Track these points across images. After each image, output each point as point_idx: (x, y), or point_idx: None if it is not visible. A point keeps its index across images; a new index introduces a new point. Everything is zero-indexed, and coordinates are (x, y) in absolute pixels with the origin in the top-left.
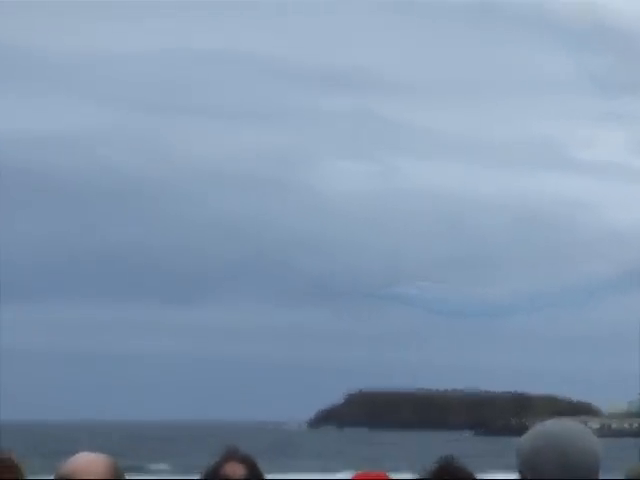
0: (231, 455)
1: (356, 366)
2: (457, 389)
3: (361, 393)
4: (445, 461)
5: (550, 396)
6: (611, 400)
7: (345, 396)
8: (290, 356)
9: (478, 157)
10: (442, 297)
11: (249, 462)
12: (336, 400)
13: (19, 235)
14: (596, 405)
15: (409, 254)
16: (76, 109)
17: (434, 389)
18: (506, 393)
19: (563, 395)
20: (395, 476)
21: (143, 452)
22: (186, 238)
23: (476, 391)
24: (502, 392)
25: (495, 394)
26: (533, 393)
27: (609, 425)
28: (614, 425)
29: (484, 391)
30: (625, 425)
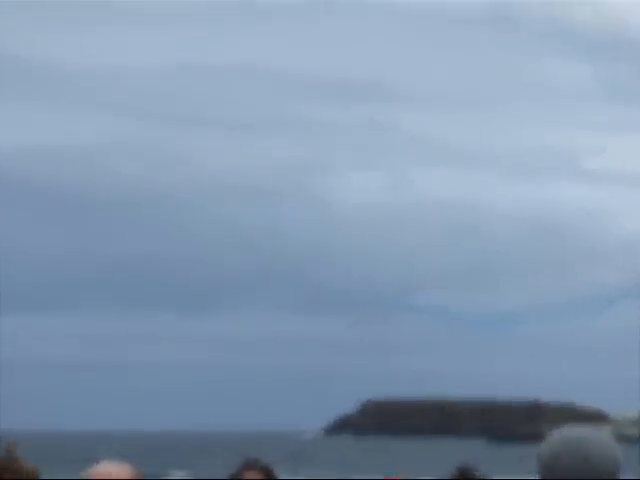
0: (250, 464)
1: (370, 374)
2: (470, 397)
3: (375, 401)
4: (464, 468)
5: (563, 403)
6: (622, 407)
7: (359, 404)
8: (305, 365)
9: (491, 167)
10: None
11: (268, 471)
12: (350, 408)
13: (32, 247)
14: (607, 412)
15: (423, 264)
16: (88, 122)
17: (447, 397)
18: (518, 400)
19: (575, 402)
20: None
21: (162, 461)
22: (199, 249)
23: (488, 398)
24: (514, 399)
25: (507, 401)
26: (546, 400)
27: (621, 432)
28: (626, 432)
29: (496, 399)
30: (636, 432)
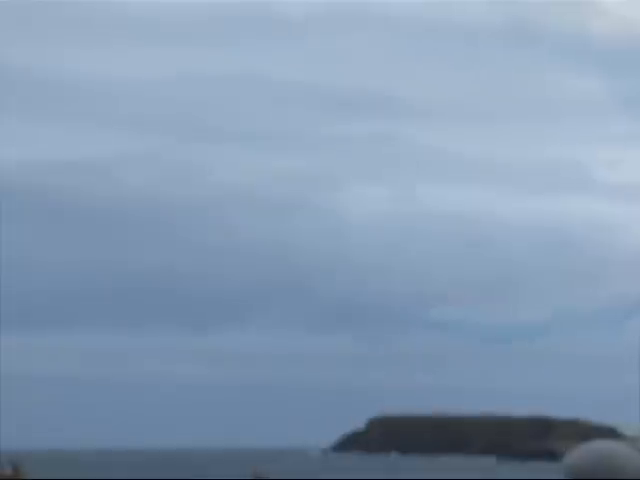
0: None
1: (379, 390)
2: (480, 413)
3: (384, 417)
4: None
5: (573, 420)
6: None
7: (368, 421)
8: (314, 381)
9: (503, 180)
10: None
11: None
12: (360, 424)
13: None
14: (619, 428)
15: (435, 277)
16: (100, 135)
17: (457, 413)
18: (529, 417)
19: (586, 418)
20: None
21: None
22: (208, 263)
23: (498, 415)
24: (525, 416)
25: (518, 418)
26: (556, 417)
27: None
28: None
29: (507, 415)
30: None
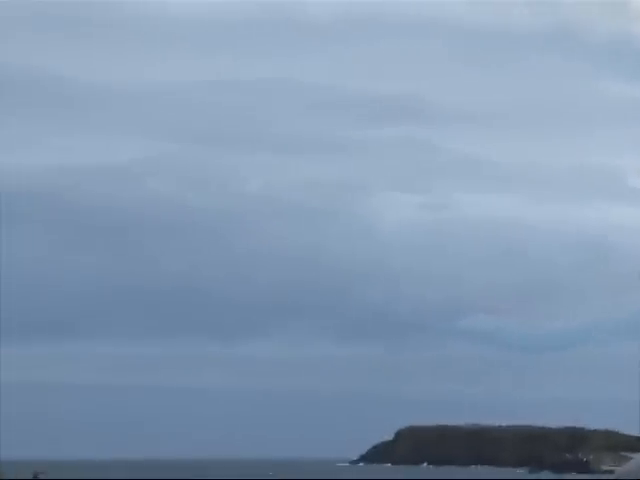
0: None
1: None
2: (510, 424)
3: (413, 428)
4: None
5: (606, 431)
6: None
7: (396, 431)
8: (343, 390)
9: (537, 186)
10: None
11: None
12: (388, 435)
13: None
14: None
15: (468, 284)
16: (125, 141)
17: (486, 424)
18: (561, 428)
19: (619, 429)
20: None
21: None
22: (242, 271)
23: (529, 426)
24: (557, 427)
25: (549, 429)
26: (589, 428)
27: None
28: None
29: (538, 426)
30: None
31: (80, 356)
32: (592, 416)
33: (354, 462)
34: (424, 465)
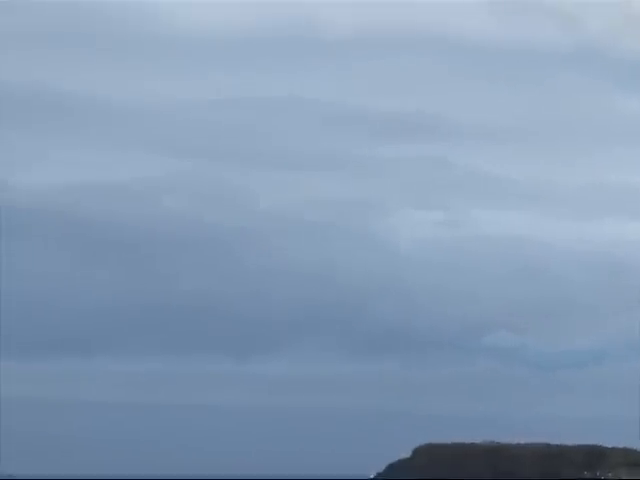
0: None
1: (427, 418)
2: (528, 441)
3: (430, 446)
4: None
5: (625, 448)
6: None
7: (413, 449)
8: (360, 407)
9: (551, 203)
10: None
11: None
12: (406, 452)
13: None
14: None
15: (485, 301)
16: (139, 158)
17: (504, 441)
18: (579, 445)
19: (638, 447)
20: None
21: None
22: (254, 286)
23: (547, 443)
24: (574, 445)
25: (567, 446)
26: (607, 445)
27: None
28: None
29: (556, 444)
30: None
31: (92, 373)
32: (610, 433)
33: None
34: None
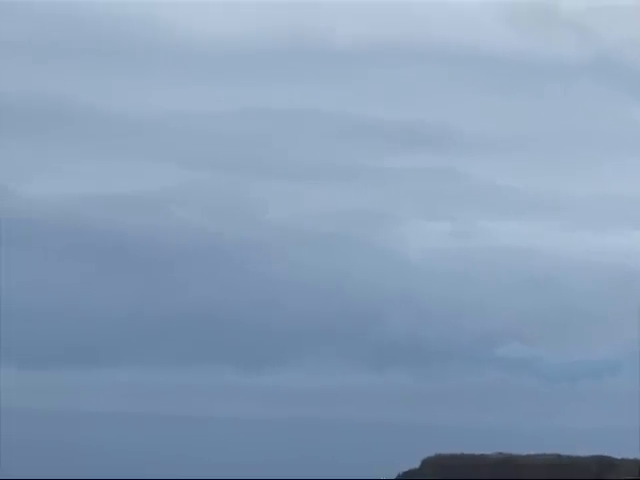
0: None
1: (437, 428)
2: (539, 453)
3: (439, 456)
4: None
5: (636, 459)
6: None
7: (422, 459)
8: (370, 418)
9: (559, 214)
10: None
11: None
12: (415, 463)
13: (95, 298)
14: None
15: (499, 313)
16: (152, 169)
17: (514, 452)
18: (590, 456)
19: None
20: None
21: None
22: (267, 297)
23: (558, 454)
24: (585, 455)
25: (578, 457)
26: (618, 456)
27: None
28: None
29: (566, 455)
30: None
31: (95, 384)
32: (621, 444)
33: None
34: None
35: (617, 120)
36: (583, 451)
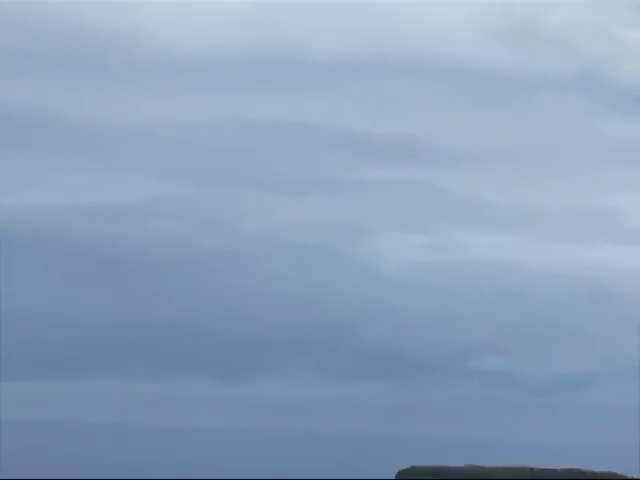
0: None
1: (411, 441)
2: (513, 465)
3: (413, 469)
4: None
5: (609, 472)
6: None
7: (397, 472)
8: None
9: (536, 228)
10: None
11: None
12: (390, 475)
13: (73, 310)
14: None
15: (473, 325)
16: (128, 180)
17: (488, 465)
18: (562, 470)
19: (621, 472)
20: None
21: None
22: (243, 309)
23: (531, 467)
24: (559, 469)
25: (552, 470)
26: (592, 470)
27: None
28: None
29: (539, 468)
30: None
31: (77, 394)
32: (598, 457)
33: None
34: None
35: (596, 135)
36: (557, 464)
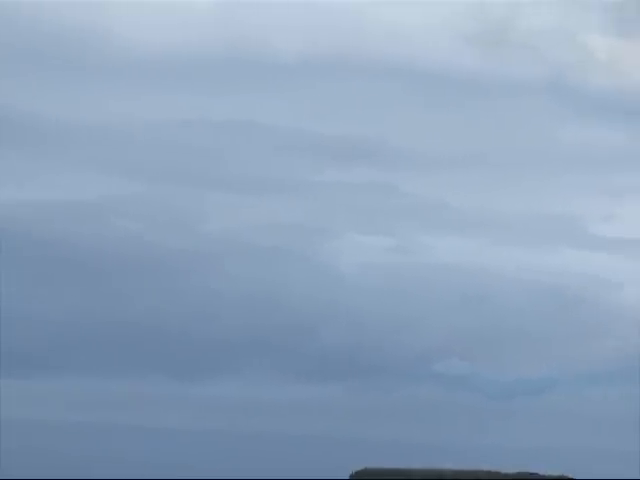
0: None
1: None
2: (468, 468)
3: (367, 470)
4: None
5: (561, 476)
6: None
7: (350, 473)
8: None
9: (496, 232)
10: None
11: None
12: (343, 476)
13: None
14: None
15: (435, 328)
16: (92, 178)
17: (443, 467)
18: (516, 473)
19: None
20: None
21: None
22: (204, 311)
23: (488, 471)
24: (515, 472)
25: (508, 474)
26: (543, 474)
27: None
28: None
29: (495, 471)
30: None
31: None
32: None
33: None
34: None
35: (560, 140)
36: (515, 468)
